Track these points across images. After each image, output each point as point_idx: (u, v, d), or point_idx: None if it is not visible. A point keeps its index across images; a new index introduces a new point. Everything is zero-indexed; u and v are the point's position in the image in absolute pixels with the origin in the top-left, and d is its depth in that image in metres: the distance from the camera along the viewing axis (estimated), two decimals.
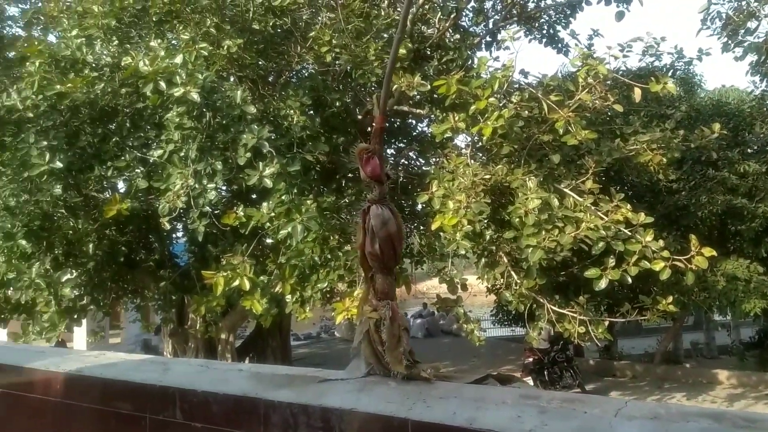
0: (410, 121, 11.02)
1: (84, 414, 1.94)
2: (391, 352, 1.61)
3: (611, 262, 6.33)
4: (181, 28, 7.06)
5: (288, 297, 7.87)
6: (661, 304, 7.42)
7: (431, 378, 1.59)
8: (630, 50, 7.92)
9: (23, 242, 7.53)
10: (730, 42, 7.91)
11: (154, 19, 7.39)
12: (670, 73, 11.73)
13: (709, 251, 5.91)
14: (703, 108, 12.22)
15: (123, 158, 7.49)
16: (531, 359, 11.30)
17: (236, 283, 6.97)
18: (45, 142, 6.71)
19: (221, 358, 11.95)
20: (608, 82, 6.70)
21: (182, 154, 6.66)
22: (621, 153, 7.78)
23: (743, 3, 7.58)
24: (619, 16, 8.58)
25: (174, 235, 10.91)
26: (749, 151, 11.25)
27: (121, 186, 9.63)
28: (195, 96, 5.97)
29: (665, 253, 6.07)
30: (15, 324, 9.23)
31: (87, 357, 2.15)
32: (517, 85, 7.09)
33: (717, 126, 7.82)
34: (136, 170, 7.75)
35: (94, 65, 6.99)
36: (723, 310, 11.77)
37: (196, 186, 6.54)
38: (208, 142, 6.68)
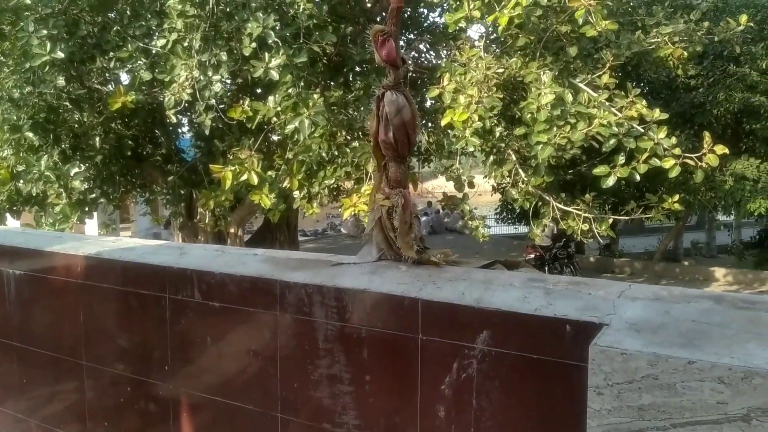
0: (422, 10, 10.53)
1: (106, 294, 2.03)
2: (402, 237, 1.64)
3: (621, 159, 6.29)
4: None
5: (296, 192, 7.93)
6: (667, 203, 7.48)
7: (441, 262, 1.63)
8: None
9: (30, 134, 7.50)
10: None
11: None
12: None
13: (721, 149, 5.85)
14: None
15: (125, 48, 7.28)
16: (533, 255, 11.57)
17: (244, 177, 7.01)
18: (45, 31, 6.49)
19: None
20: None
21: (186, 44, 6.45)
22: (641, 46, 7.48)
23: None
24: None
25: (180, 130, 10.86)
26: None
27: (125, 78, 9.45)
28: None
29: (677, 151, 6.01)
30: (28, 216, 9.45)
31: (105, 241, 2.21)
32: None
33: (744, 18, 7.45)
34: (139, 61, 7.56)
35: None
36: (728, 210, 11.84)
37: (201, 78, 6.40)
38: (212, 31, 6.45)
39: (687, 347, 1.09)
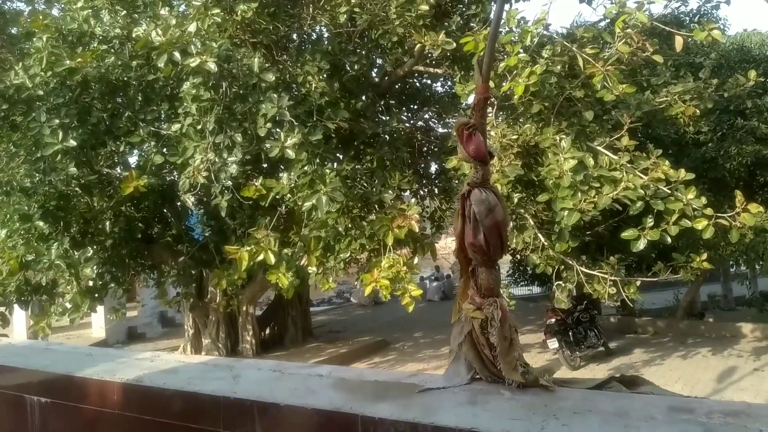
0: (425, 81, 10.65)
1: (147, 428, 1.77)
2: (504, 357, 1.42)
3: (650, 222, 6.08)
4: None
5: (312, 268, 7.70)
6: (695, 262, 7.21)
7: (551, 386, 1.39)
8: None
9: (41, 223, 7.37)
10: None
11: None
12: (696, 19, 11.26)
13: (755, 207, 5.67)
14: (728, 54, 11.75)
15: (137, 133, 7.25)
16: (554, 320, 11.16)
17: (261, 257, 6.81)
18: (57, 120, 6.47)
19: (242, 330, 11.95)
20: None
21: (199, 127, 6.41)
22: (651, 106, 7.45)
23: None
24: None
25: (189, 208, 10.77)
26: None
27: (132, 160, 9.44)
28: (212, 66, 5.68)
29: (708, 211, 5.83)
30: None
31: (142, 361, 1.97)
32: (545, 39, 6.72)
33: (753, 74, 7.46)
34: (150, 144, 7.54)
35: (102, 38, 6.68)
36: (750, 264, 11.55)
37: (216, 160, 6.30)
38: (226, 113, 6.41)
39: None
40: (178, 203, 9.85)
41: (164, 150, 7.34)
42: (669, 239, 5.99)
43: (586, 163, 6.17)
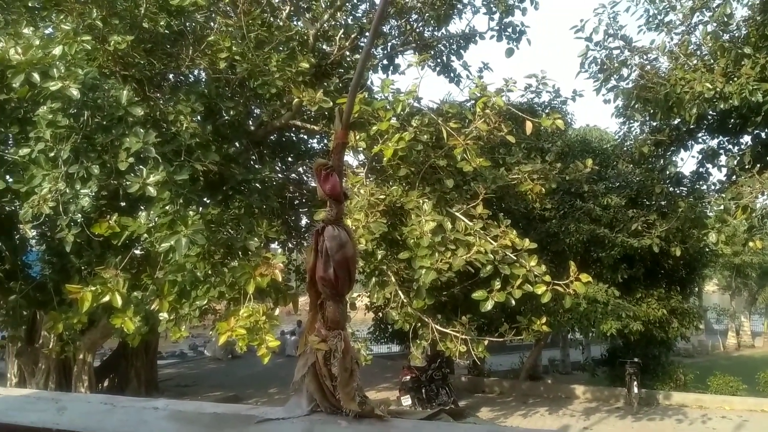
0: (302, 136, 10.84)
1: None
2: (343, 387, 1.48)
3: (497, 284, 6.58)
4: (61, 17, 6.34)
5: (162, 315, 7.27)
6: (536, 325, 7.88)
7: (385, 416, 1.47)
8: (515, 85, 8.34)
9: None
10: (603, 85, 8.67)
11: (28, 5, 6.60)
12: (547, 110, 12.71)
13: (585, 277, 6.37)
14: (572, 144, 13.33)
15: None
16: (409, 377, 11.45)
17: (106, 298, 6.33)
18: None
19: (77, 380, 10.82)
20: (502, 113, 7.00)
21: (52, 154, 5.95)
22: (504, 181, 8.19)
23: (616, 52, 8.37)
24: (509, 53, 9.12)
25: (28, 243, 9.78)
26: (611, 186, 12.43)
27: None
28: (74, 92, 5.38)
29: (547, 278, 6.44)
30: None
31: None
32: (415, 110, 7.22)
33: (590, 161, 8.51)
34: None
35: None
36: (583, 330, 12.75)
37: (67, 191, 5.86)
38: (85, 143, 6.04)
39: None
40: (17, 236, 8.96)
41: (7, 177, 6.69)
42: (513, 302, 6.51)
43: (444, 226, 6.61)
